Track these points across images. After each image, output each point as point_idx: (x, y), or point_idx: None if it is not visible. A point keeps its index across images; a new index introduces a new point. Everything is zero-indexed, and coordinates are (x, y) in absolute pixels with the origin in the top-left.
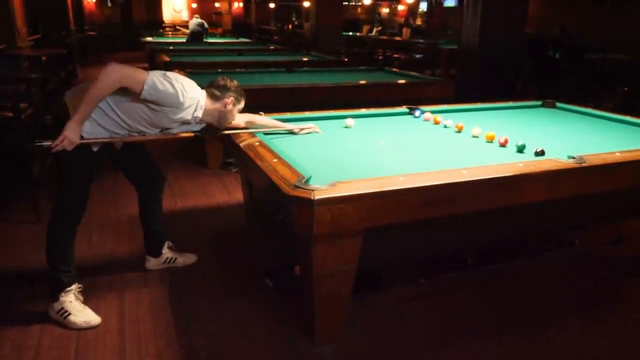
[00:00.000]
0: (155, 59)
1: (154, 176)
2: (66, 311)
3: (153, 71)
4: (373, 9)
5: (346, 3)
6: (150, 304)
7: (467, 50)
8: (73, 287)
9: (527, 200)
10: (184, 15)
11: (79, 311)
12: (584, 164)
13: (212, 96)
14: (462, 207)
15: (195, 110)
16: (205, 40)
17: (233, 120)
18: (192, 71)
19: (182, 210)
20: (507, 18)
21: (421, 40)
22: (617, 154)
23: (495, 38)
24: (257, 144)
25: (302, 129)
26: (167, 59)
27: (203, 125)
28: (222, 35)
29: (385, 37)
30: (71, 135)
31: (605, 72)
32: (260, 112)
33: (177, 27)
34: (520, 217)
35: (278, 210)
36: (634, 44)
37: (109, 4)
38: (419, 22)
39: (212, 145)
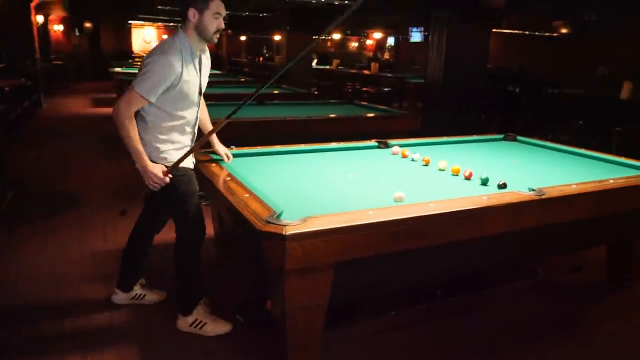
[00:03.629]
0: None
1: (163, 214)
2: (201, 321)
3: (134, 80)
4: (343, 43)
5: (316, 37)
6: (117, 343)
7: (433, 84)
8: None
9: (491, 232)
10: (154, 46)
11: (212, 320)
12: (543, 196)
13: (182, 21)
14: (430, 239)
15: (185, 47)
16: None
17: (221, 28)
18: None
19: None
20: (470, 54)
21: (389, 74)
22: (574, 186)
23: (459, 73)
24: (228, 178)
25: (222, 155)
26: None
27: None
28: None
29: (354, 71)
30: (152, 175)
31: (561, 106)
32: (232, 146)
33: None
34: (486, 248)
35: (249, 245)
36: (585, 79)
37: (77, 33)
38: (386, 56)
39: None
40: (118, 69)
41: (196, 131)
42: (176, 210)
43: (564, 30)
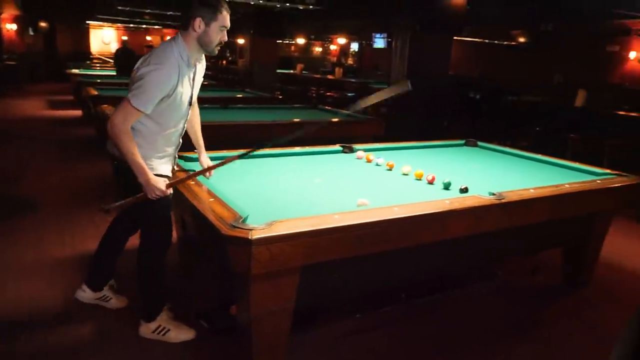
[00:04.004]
0: (81, 92)
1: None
2: (164, 327)
3: (129, 92)
4: (307, 47)
5: (280, 41)
6: (77, 352)
7: None
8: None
9: (453, 235)
10: (113, 47)
11: (176, 326)
12: (503, 200)
13: (182, 27)
14: (395, 243)
15: (182, 57)
16: None
17: (224, 40)
18: None
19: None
20: (432, 61)
21: (353, 80)
22: (532, 190)
23: (422, 79)
24: (192, 182)
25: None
26: (95, 92)
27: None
28: None
29: (318, 76)
30: (155, 189)
31: (520, 113)
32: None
33: (106, 59)
34: (449, 251)
35: (214, 249)
36: (542, 87)
37: (31, 32)
38: (350, 61)
39: None
40: (75, 71)
41: (181, 141)
42: (147, 215)
43: (521, 40)
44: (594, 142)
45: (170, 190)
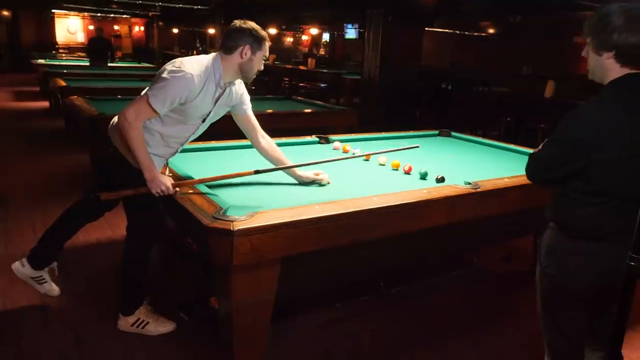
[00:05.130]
0: (48, 83)
1: (106, 207)
2: (143, 320)
3: (149, 89)
4: (278, 38)
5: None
6: (53, 347)
7: (369, 80)
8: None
9: (431, 224)
10: (80, 37)
11: (155, 319)
12: (479, 189)
13: (225, 50)
14: (374, 232)
15: (214, 75)
16: (109, 64)
17: (260, 69)
18: (91, 97)
19: (85, 244)
20: (405, 52)
21: (325, 70)
22: (506, 179)
23: (395, 70)
24: (169, 174)
25: (315, 177)
26: (63, 83)
27: (239, 92)
28: (122, 60)
29: (290, 66)
30: (161, 185)
31: (490, 103)
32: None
33: (73, 49)
34: (425, 240)
35: (193, 241)
36: (511, 78)
37: None
38: (322, 52)
39: None
40: (41, 61)
41: (179, 150)
42: (135, 210)
43: (491, 31)
44: None
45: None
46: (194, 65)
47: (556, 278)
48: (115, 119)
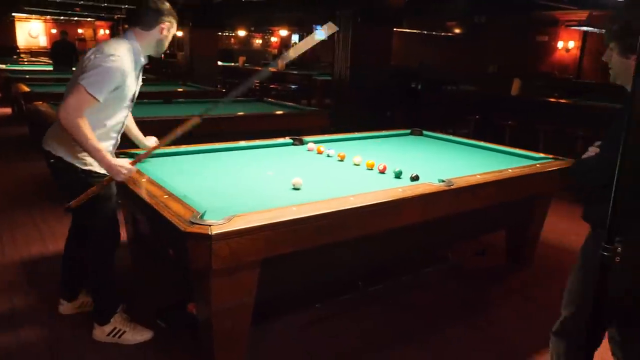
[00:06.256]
0: (10, 89)
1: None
2: (120, 329)
3: (81, 79)
4: (247, 40)
5: (220, 33)
6: (27, 356)
7: (340, 81)
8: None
9: (407, 222)
10: (42, 41)
11: (131, 328)
12: (452, 187)
13: (144, 26)
14: (352, 232)
15: (136, 53)
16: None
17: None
18: (55, 103)
19: (55, 253)
20: (375, 52)
21: (295, 72)
22: (478, 176)
23: (365, 70)
24: (144, 180)
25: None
26: (27, 89)
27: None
28: None
29: (260, 68)
30: (121, 168)
31: (459, 102)
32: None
33: (35, 53)
34: (402, 238)
35: (169, 247)
36: (479, 77)
37: None
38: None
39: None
40: (2, 66)
41: (119, 138)
42: (89, 216)
43: (457, 31)
44: (529, 128)
45: (112, 189)
46: (119, 47)
47: None
48: (50, 130)
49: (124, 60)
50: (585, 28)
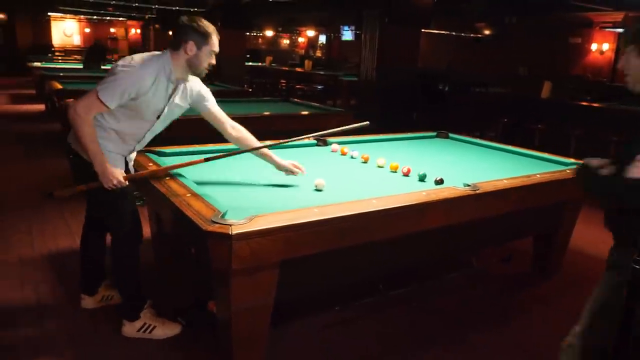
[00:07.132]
0: (44, 86)
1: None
2: (150, 325)
3: (99, 84)
4: (275, 40)
5: (248, 33)
6: (50, 350)
7: (366, 82)
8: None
9: (430, 226)
10: (76, 40)
11: (161, 323)
12: (478, 191)
13: (172, 46)
14: (374, 235)
15: (165, 70)
16: (103, 67)
17: (212, 63)
18: None
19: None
20: (401, 53)
21: (322, 72)
22: (505, 180)
23: (391, 71)
24: (167, 178)
25: (293, 168)
26: (60, 86)
27: (194, 89)
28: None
29: (287, 68)
30: (112, 178)
31: (488, 104)
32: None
33: (69, 52)
34: (426, 242)
35: (191, 245)
36: (508, 79)
37: None
38: (318, 54)
39: None
40: (37, 64)
41: (137, 147)
42: (109, 213)
43: (487, 32)
44: (560, 133)
45: (129, 187)
46: (144, 60)
47: None
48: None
49: (142, 73)
50: (620, 30)
